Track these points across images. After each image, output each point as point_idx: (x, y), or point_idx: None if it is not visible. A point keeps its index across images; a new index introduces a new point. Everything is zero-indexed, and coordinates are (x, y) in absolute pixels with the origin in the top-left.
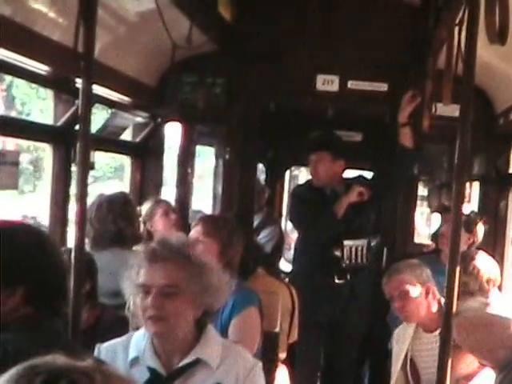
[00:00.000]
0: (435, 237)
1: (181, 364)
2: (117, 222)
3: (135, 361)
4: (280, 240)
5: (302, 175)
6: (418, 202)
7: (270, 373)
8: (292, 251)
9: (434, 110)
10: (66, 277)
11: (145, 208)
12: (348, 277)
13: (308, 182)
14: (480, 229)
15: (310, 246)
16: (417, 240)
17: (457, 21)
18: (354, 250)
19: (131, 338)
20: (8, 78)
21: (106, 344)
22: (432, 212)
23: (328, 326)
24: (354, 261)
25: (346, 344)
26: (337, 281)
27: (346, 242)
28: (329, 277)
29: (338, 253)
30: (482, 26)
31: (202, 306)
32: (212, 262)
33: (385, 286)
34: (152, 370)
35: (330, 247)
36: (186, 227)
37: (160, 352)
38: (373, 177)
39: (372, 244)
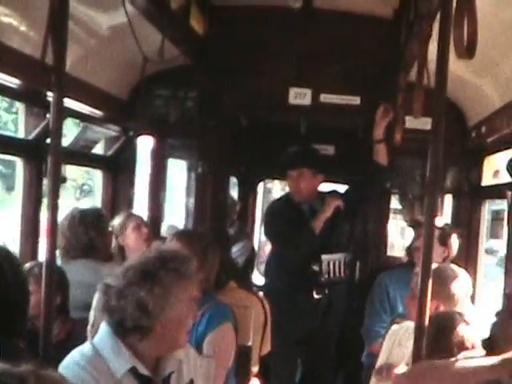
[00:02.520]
0: (409, 250)
1: (170, 369)
2: (88, 233)
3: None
4: (252, 254)
5: (276, 188)
6: (392, 215)
7: None
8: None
9: (405, 123)
10: (27, 296)
11: (116, 222)
12: (326, 291)
13: (285, 197)
14: (455, 242)
15: (287, 262)
16: (392, 253)
17: (428, 35)
18: (331, 264)
19: (97, 360)
20: None
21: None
22: (408, 225)
23: (306, 340)
24: (332, 275)
25: (322, 358)
26: (316, 296)
27: (324, 257)
28: (308, 292)
29: (316, 267)
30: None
31: None
32: None
33: None
34: (145, 378)
35: (308, 262)
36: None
37: (148, 360)
38: (346, 191)
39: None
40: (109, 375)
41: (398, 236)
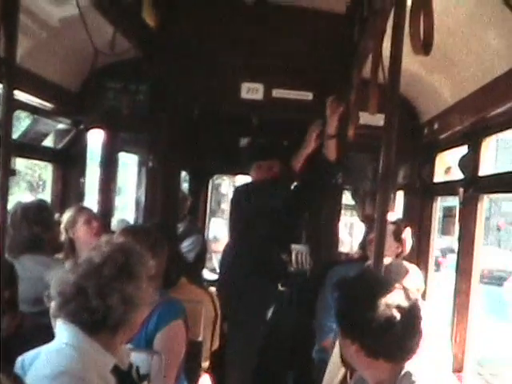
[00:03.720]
0: (363, 245)
1: (127, 359)
2: (32, 228)
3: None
4: (203, 249)
5: (225, 184)
6: (342, 211)
7: (192, 382)
8: (214, 260)
9: (358, 119)
10: None
11: (67, 215)
12: (291, 283)
13: (251, 185)
14: (408, 238)
15: (254, 247)
16: (341, 249)
17: (382, 30)
18: (299, 254)
19: (85, 359)
20: None
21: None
22: (361, 220)
23: (266, 335)
24: (300, 266)
25: (280, 353)
26: (280, 288)
27: (294, 246)
28: (273, 283)
29: (285, 257)
30: (407, 36)
31: None
32: None
33: None
34: (120, 371)
35: (277, 250)
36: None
37: (116, 352)
38: (296, 186)
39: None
40: (96, 374)
41: (347, 232)
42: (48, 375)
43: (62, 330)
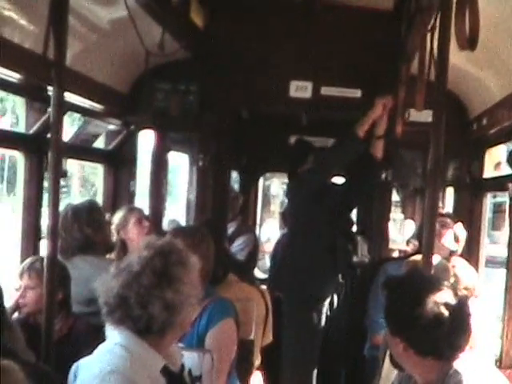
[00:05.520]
0: (418, 238)
1: (179, 360)
2: (83, 230)
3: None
4: (255, 248)
5: (275, 185)
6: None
7: (244, 380)
8: (266, 259)
9: (407, 115)
10: None
11: (118, 216)
12: (351, 275)
13: None
14: (462, 234)
15: (318, 235)
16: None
17: (429, 27)
18: (363, 246)
19: (135, 360)
20: None
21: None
22: (409, 217)
23: (321, 328)
24: (362, 257)
25: (333, 347)
26: (341, 280)
27: (359, 237)
28: (335, 273)
29: (350, 246)
30: (454, 32)
31: None
32: None
33: None
34: (171, 372)
35: (342, 239)
36: (159, 235)
37: (165, 353)
38: (344, 183)
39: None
40: (146, 374)
41: (396, 229)
42: (97, 374)
43: (113, 332)
